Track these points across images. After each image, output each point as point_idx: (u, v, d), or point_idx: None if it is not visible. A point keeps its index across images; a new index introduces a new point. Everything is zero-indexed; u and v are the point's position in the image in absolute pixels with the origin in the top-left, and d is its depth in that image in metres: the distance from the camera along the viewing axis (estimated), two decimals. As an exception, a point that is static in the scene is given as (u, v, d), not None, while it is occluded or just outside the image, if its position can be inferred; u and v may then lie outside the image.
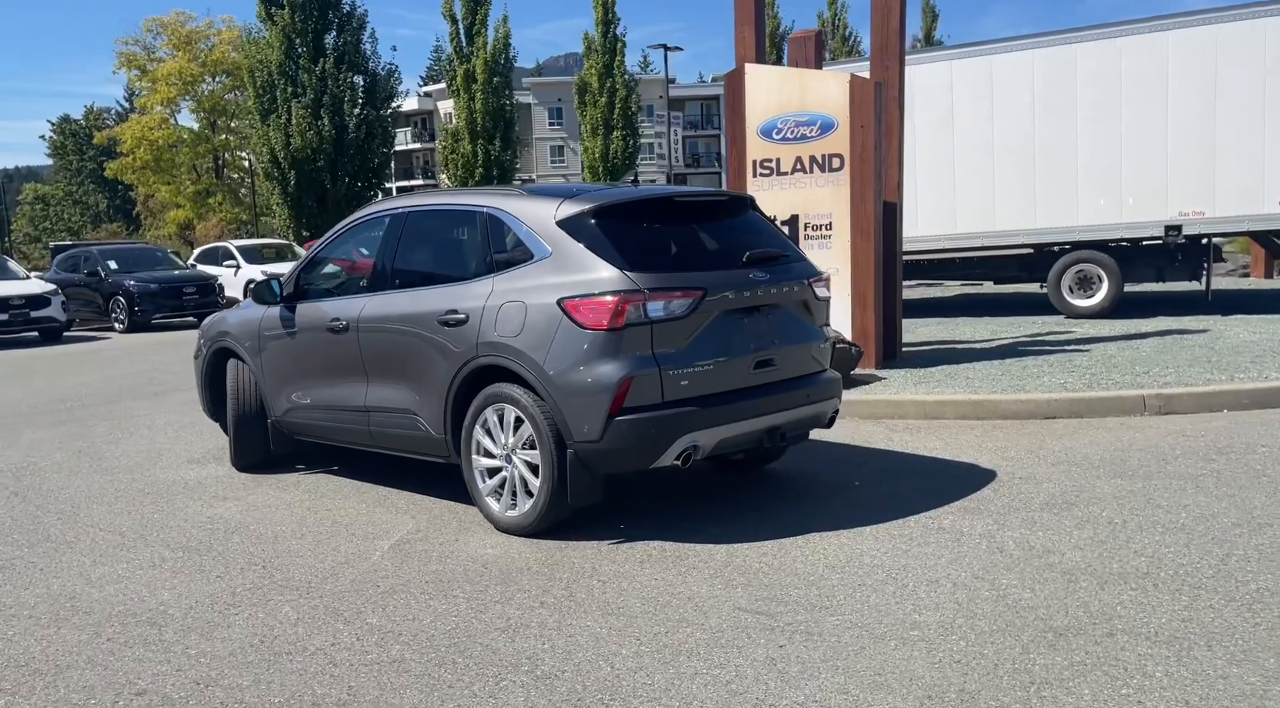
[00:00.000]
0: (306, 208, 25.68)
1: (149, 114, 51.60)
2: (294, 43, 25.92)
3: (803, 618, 3.96)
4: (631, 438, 4.82)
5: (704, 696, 3.33)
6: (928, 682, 3.35)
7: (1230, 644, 3.54)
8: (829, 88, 9.25)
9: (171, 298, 20.02)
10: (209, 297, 20.46)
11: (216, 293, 20.83)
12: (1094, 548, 4.61)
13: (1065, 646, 3.59)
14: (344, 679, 3.56)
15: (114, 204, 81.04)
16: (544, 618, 4.07)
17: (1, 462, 7.79)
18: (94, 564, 5.04)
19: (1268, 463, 5.93)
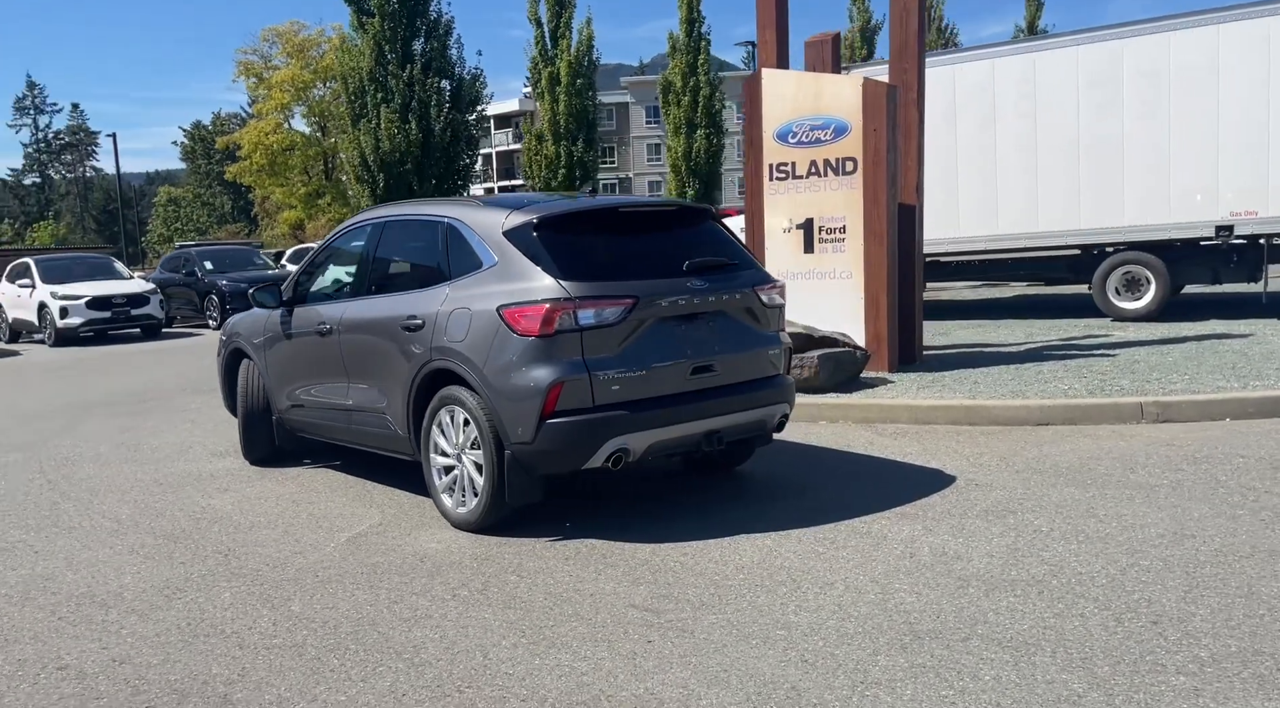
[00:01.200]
0: (394, 209, 26.46)
1: (264, 119, 53.83)
2: (384, 50, 26.77)
3: (685, 616, 4.13)
4: (562, 440, 5.05)
5: (552, 685, 3.54)
6: (765, 679, 3.50)
7: (1074, 651, 3.59)
8: (843, 91, 9.28)
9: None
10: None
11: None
12: (1004, 556, 4.65)
13: (916, 648, 3.69)
14: (241, 661, 3.88)
15: (237, 205, 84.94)
16: (449, 610, 4.33)
17: (52, 451, 8.45)
18: (82, 549, 5.51)
19: (1234, 474, 5.82)
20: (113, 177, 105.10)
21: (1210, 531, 4.85)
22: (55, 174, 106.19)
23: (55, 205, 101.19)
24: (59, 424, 9.94)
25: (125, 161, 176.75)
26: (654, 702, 3.39)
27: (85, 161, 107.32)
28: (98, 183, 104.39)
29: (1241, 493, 5.45)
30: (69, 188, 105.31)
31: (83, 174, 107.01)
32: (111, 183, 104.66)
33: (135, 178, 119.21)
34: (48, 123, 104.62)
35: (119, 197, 62.35)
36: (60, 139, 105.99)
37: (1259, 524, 4.90)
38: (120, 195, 61.71)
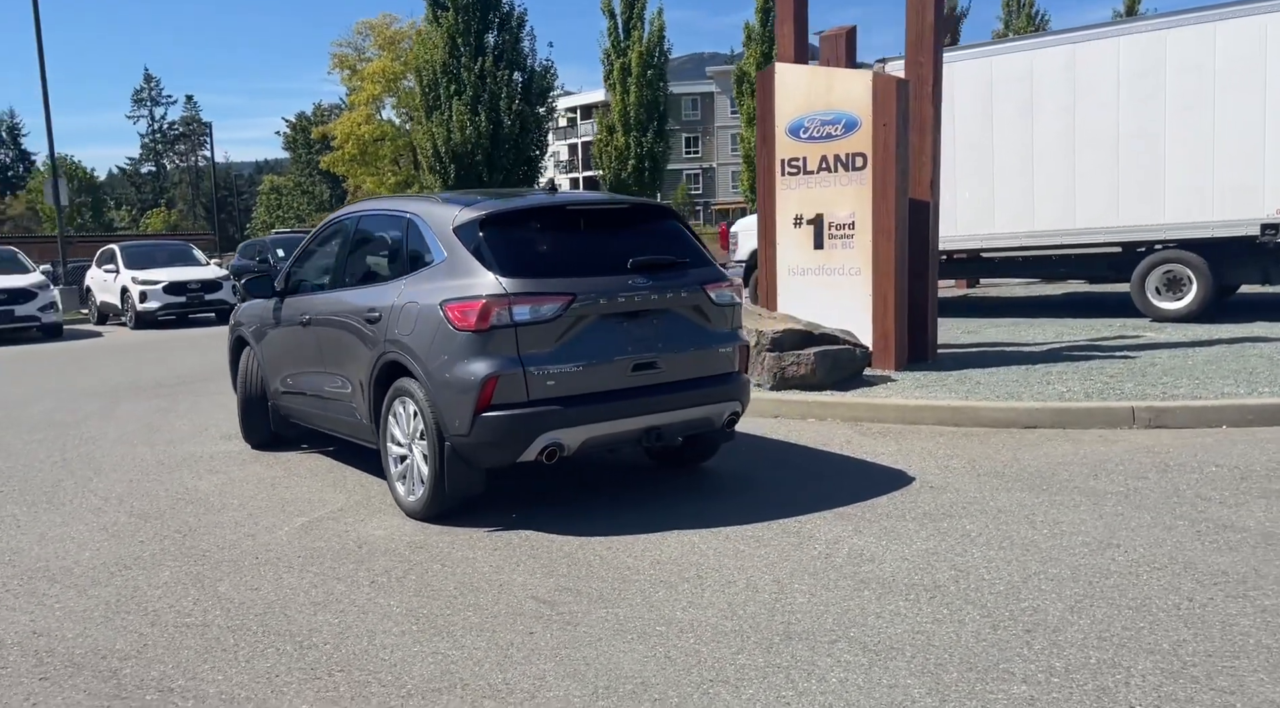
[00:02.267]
0: (464, 199, 27.05)
1: (356, 111, 55.22)
2: (457, 43, 27.29)
3: (578, 609, 4.22)
4: (495, 434, 5.18)
5: (417, 672, 3.68)
6: (620, 674, 3.58)
7: (933, 657, 3.58)
8: (853, 86, 9.20)
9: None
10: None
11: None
12: (918, 560, 4.63)
13: (780, 648, 3.72)
14: (146, 638, 4.10)
15: (334, 194, 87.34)
16: (360, 595, 4.50)
17: (82, 430, 8.93)
18: (61, 525, 5.85)
19: (1198, 483, 5.65)
20: (221, 165, 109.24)
21: (1138, 541, 4.74)
22: (169, 163, 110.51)
23: (169, 193, 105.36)
24: (100, 405, 10.47)
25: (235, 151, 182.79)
26: (504, 691, 3.49)
27: (197, 151, 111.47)
28: (207, 171, 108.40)
29: (1193, 503, 5.30)
30: (181, 176, 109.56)
31: (194, 163, 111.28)
32: (220, 171, 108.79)
33: (245, 167, 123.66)
34: (163, 114, 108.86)
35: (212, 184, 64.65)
36: (174, 129, 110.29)
37: (1191, 536, 4.77)
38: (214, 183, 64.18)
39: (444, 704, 3.41)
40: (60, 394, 11.53)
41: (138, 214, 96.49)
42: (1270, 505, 5.20)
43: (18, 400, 11.19)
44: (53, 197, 26.59)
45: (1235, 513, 5.11)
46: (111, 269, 22.02)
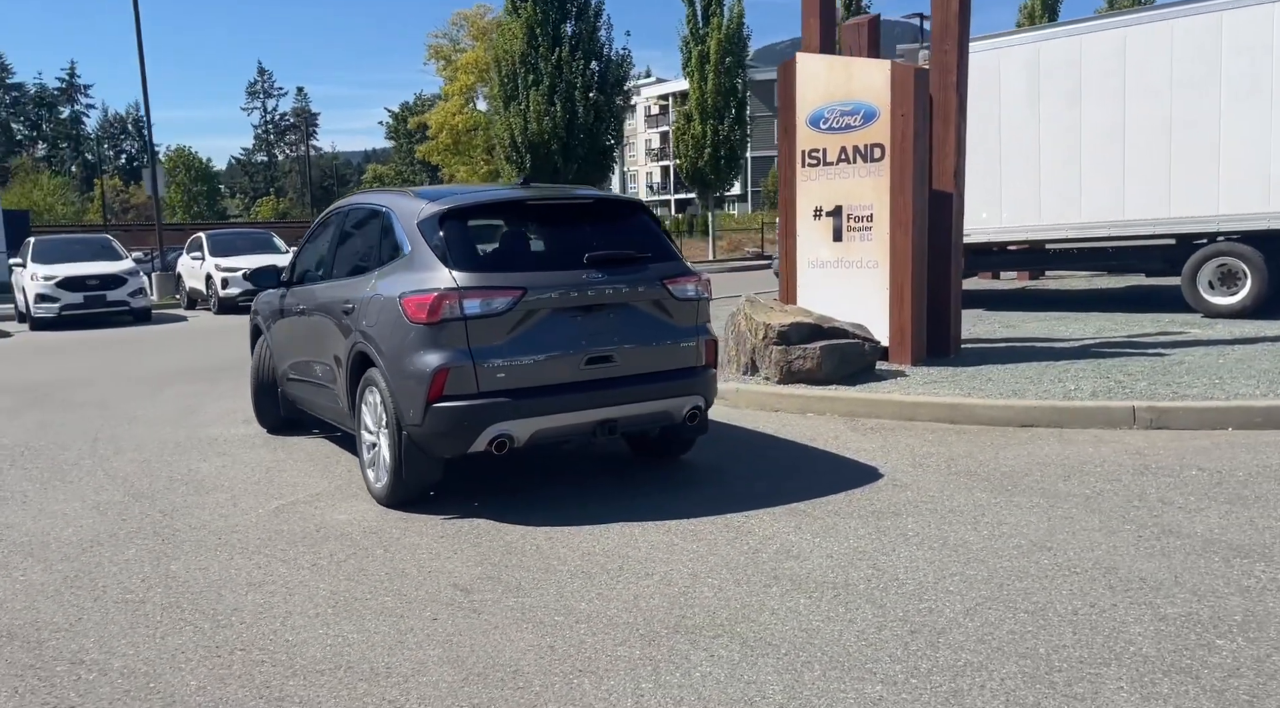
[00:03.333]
0: (540, 189, 27.43)
1: (450, 101, 56.31)
2: (535, 33, 27.60)
3: (490, 598, 4.34)
4: (446, 424, 5.33)
5: (311, 653, 3.84)
6: (499, 662, 3.68)
7: (804, 655, 3.60)
8: (872, 76, 9.08)
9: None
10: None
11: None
12: (842, 557, 4.62)
13: (663, 641, 3.78)
14: (86, 611, 4.35)
15: (433, 182, 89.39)
16: (296, 577, 4.69)
17: (122, 410, 9.41)
18: (62, 501, 6.22)
19: (1167, 488, 5.48)
20: (329, 155, 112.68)
21: (1073, 545, 4.64)
22: (279, 153, 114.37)
23: (279, 182, 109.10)
24: (153, 387, 11.00)
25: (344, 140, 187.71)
26: (383, 673, 3.63)
27: (306, 141, 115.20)
28: (316, 161, 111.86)
29: (1151, 508, 5.15)
30: (291, 166, 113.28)
31: (305, 153, 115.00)
32: (328, 161, 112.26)
33: (355, 156, 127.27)
34: (274, 106, 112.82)
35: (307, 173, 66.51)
36: (285, 120, 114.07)
37: (1130, 541, 4.65)
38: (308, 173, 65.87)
39: (321, 684, 3.56)
40: (123, 376, 12.13)
41: (249, 202, 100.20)
42: (1229, 512, 5.02)
43: (82, 381, 11.82)
44: (151, 187, 27.84)
45: (1189, 519, 4.95)
46: (198, 256, 23.01)
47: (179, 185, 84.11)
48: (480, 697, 3.41)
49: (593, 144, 27.97)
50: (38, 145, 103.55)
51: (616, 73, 28.73)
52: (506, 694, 3.42)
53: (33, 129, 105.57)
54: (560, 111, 27.25)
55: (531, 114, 27.28)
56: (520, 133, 27.56)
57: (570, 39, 27.86)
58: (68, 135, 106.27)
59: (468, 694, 3.43)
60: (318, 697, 3.46)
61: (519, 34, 27.78)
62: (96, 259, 21.31)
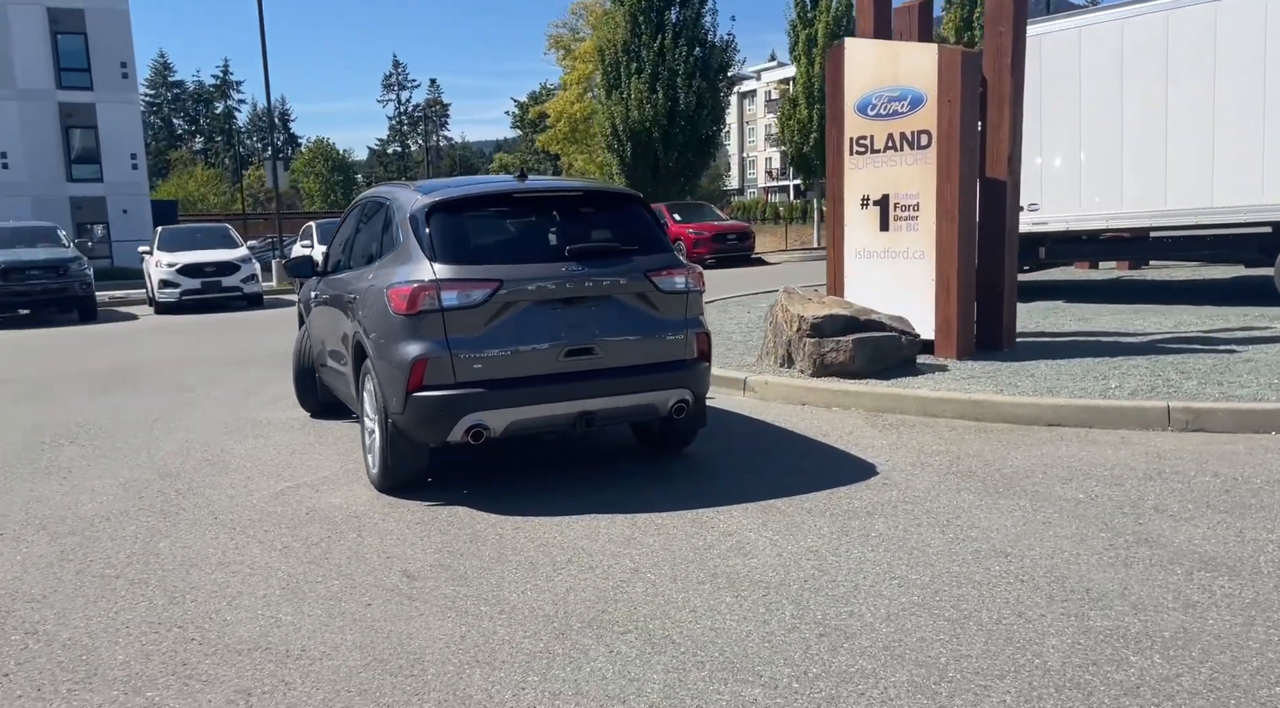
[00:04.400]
0: (640, 178, 27.54)
1: (569, 90, 56.94)
2: (638, 20, 27.66)
3: (431, 585, 4.43)
4: (424, 413, 5.45)
5: (240, 633, 3.99)
6: (405, 648, 3.77)
7: (699, 654, 3.58)
8: (919, 60, 8.81)
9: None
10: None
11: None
12: (793, 556, 4.55)
13: (572, 635, 3.80)
14: (63, 584, 4.63)
15: (555, 171, 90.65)
16: (265, 559, 4.88)
17: (198, 393, 9.89)
18: (96, 477, 6.60)
19: (1169, 494, 5.21)
20: (459, 145, 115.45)
21: (1035, 552, 4.46)
22: (413, 144, 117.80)
23: (411, 171, 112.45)
24: (233, 369, 11.54)
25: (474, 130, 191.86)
26: (296, 655, 3.75)
27: (437, 132, 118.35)
28: (446, 151, 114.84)
29: (1140, 515, 4.89)
30: (423, 156, 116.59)
31: (436, 143, 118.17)
32: (459, 151, 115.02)
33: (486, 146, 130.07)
34: (408, 97, 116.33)
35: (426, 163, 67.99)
36: (418, 111, 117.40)
37: (1098, 550, 4.44)
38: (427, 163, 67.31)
39: (233, 664, 3.70)
40: (214, 358, 12.75)
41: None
42: (1221, 522, 4.73)
43: (175, 362, 12.48)
44: (272, 179, 29.11)
45: (1174, 528, 4.68)
46: (307, 244, 23.97)
47: (317, 175, 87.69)
48: (370, 682, 3.50)
49: (693, 132, 27.88)
50: (195, 139, 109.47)
51: (720, 59, 28.55)
52: (395, 681, 3.50)
53: (191, 124, 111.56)
54: (661, 99, 27.26)
55: (632, 102, 27.39)
56: (621, 121, 27.70)
57: (673, 25, 27.81)
58: (221, 129, 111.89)
59: (360, 679, 3.52)
60: (223, 675, 3.61)
61: (622, 22, 27.91)
62: (215, 247, 22.41)
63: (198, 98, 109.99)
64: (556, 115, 56.71)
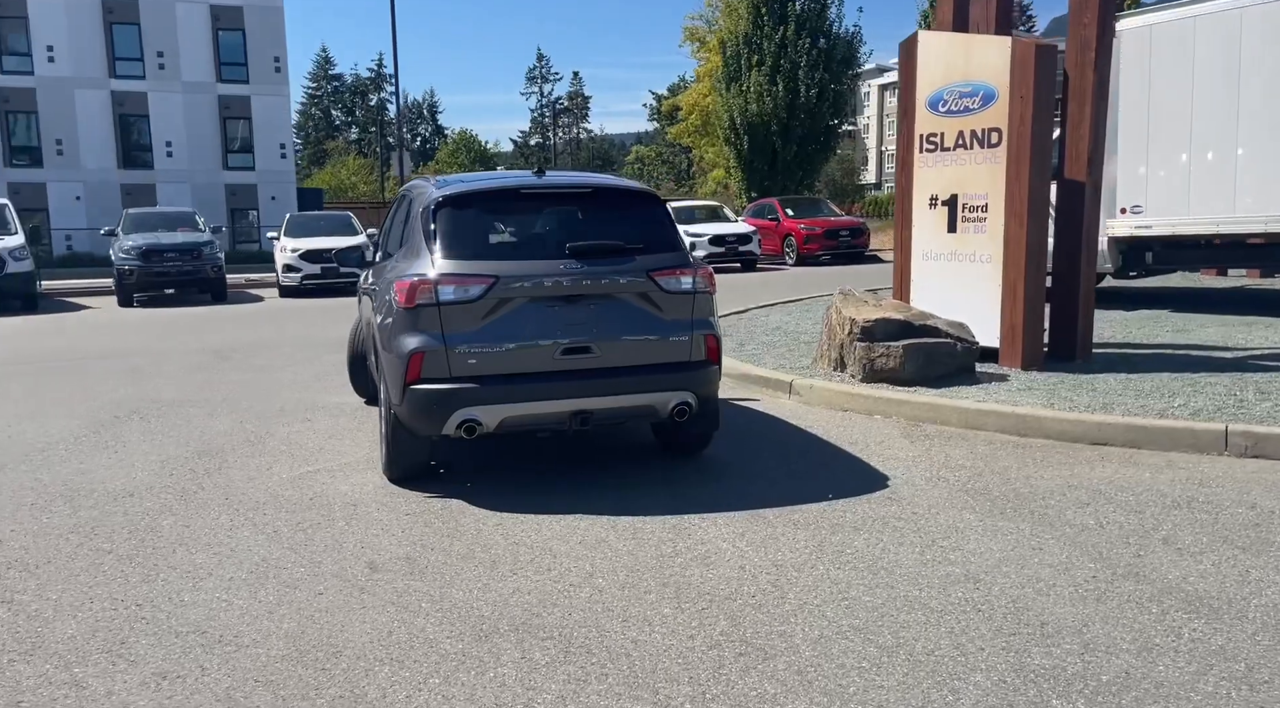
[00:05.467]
0: (757, 171, 27.20)
1: (701, 82, 56.79)
2: (760, 11, 27.32)
3: (385, 579, 4.47)
4: (419, 406, 5.50)
5: (186, 615, 4.09)
6: (325, 638, 3.81)
7: (604, 666, 3.50)
8: (991, 54, 8.41)
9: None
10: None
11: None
12: (756, 569, 4.41)
13: (488, 639, 3.77)
14: (62, 554, 4.86)
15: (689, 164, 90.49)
16: (248, 542, 5.00)
17: (274, 375, 10.27)
18: (143, 454, 6.91)
19: (1188, 526, 4.83)
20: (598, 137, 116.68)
21: (1010, 580, 4.20)
22: (553, 136, 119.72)
23: (550, 163, 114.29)
24: (321, 352, 11.94)
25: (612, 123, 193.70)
26: (228, 641, 3.83)
27: (578, 124, 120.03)
28: (586, 143, 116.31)
29: (1143, 547, 4.55)
30: (563, 148, 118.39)
31: (576, 135, 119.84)
32: (597, 144, 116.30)
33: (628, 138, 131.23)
34: (550, 90, 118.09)
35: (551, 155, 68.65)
36: (559, 104, 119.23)
37: (1078, 582, 4.15)
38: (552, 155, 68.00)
39: (166, 645, 3.80)
40: (308, 341, 13.21)
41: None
42: (1229, 559, 4.35)
43: (270, 344, 13.00)
44: (399, 170, 30.05)
45: (1173, 562, 4.33)
46: None
47: (460, 166, 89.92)
48: (279, 673, 3.54)
49: (813, 125, 27.39)
50: (351, 130, 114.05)
51: (845, 51, 27.94)
52: (303, 674, 3.54)
53: (348, 115, 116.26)
54: (781, 92, 26.87)
55: (751, 94, 27.10)
56: (739, 113, 27.44)
57: (796, 17, 27.35)
58: (374, 120, 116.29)
59: (272, 669, 3.57)
60: (151, 657, 3.71)
61: (744, 14, 27.63)
62: (336, 234, 23.26)
63: (354, 90, 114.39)
64: (689, 108, 56.69)
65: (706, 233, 23.72)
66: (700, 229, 23.95)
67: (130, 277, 20.78)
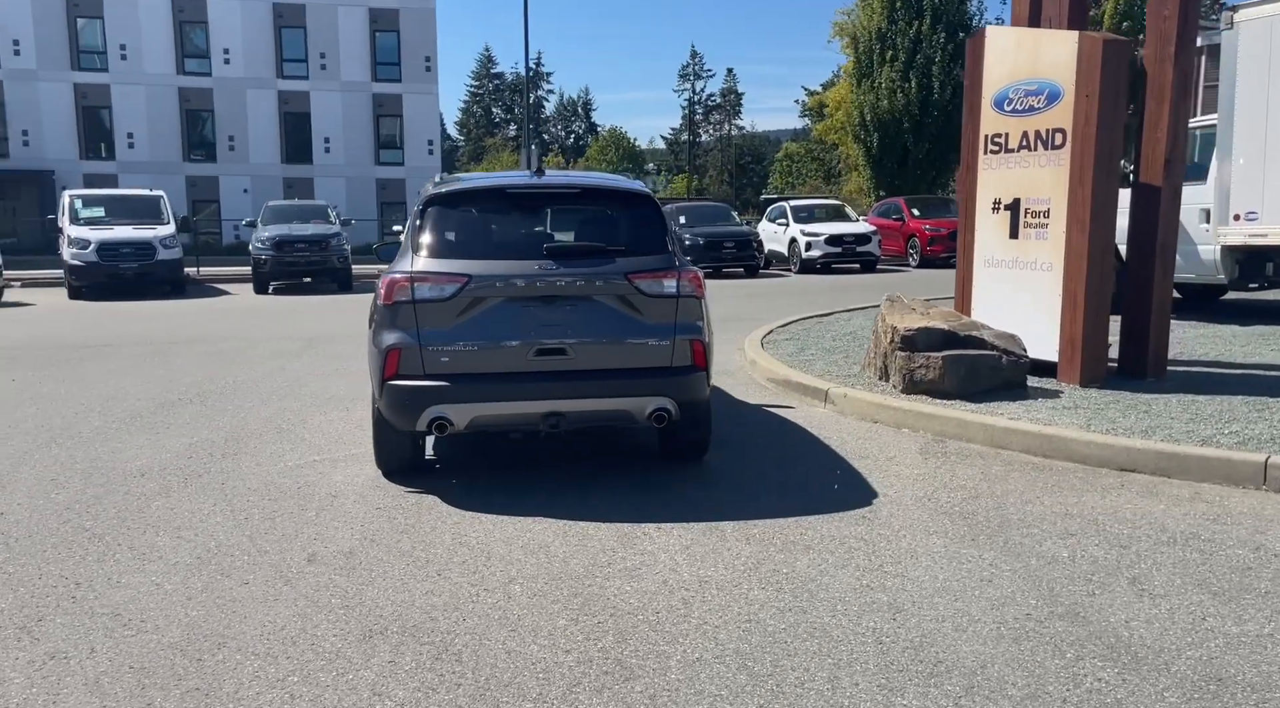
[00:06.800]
0: (886, 169, 26.38)
1: (849, 78, 55.66)
2: (895, 6, 26.53)
3: (314, 573, 4.52)
4: (395, 402, 5.56)
5: (115, 598, 4.24)
6: (225, 628, 3.88)
7: (462, 677, 3.44)
8: (1058, 50, 7.90)
9: (712, 251, 22.60)
10: (745, 251, 22.68)
11: (754, 248, 22.95)
12: (678, 585, 4.27)
13: (366, 639, 3.77)
14: (50, 529, 5.11)
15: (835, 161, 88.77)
16: (215, 528, 5.16)
17: (338, 365, 10.59)
18: (179, 437, 7.22)
19: (1168, 567, 4.42)
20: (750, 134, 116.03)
21: (934, 613, 3.93)
22: (704, 133, 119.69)
23: (699, 160, 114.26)
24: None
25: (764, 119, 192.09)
26: (133, 625, 3.94)
27: (730, 120, 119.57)
28: (736, 140, 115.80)
29: (1101, 586, 4.18)
30: (714, 144, 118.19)
31: (727, 132, 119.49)
32: (750, 140, 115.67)
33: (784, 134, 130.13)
34: (703, 87, 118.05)
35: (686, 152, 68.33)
36: (711, 100, 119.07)
37: (1005, 619, 3.85)
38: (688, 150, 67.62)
39: (78, 626, 3.94)
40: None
41: (668, 178, 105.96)
42: (1195, 605, 3.95)
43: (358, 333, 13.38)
44: (524, 164, 30.53)
45: (1126, 605, 3.96)
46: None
47: (609, 163, 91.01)
48: (155, 661, 3.62)
49: (947, 123, 26.39)
50: (509, 126, 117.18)
51: (982, 47, 26.84)
52: (176, 663, 3.60)
53: (507, 112, 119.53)
54: (914, 88, 26.05)
55: (883, 91, 26.37)
56: (870, 110, 26.74)
57: (933, 9, 26.43)
58: (532, 117, 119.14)
59: (153, 657, 3.65)
60: (55, 635, 3.86)
61: (878, 9, 26.89)
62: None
63: (513, 88, 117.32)
64: (835, 104, 55.58)
65: (823, 232, 23.23)
66: (817, 228, 23.48)
67: (264, 266, 21.89)
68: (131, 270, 21.14)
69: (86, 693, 3.39)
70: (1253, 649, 3.54)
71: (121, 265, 21.10)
